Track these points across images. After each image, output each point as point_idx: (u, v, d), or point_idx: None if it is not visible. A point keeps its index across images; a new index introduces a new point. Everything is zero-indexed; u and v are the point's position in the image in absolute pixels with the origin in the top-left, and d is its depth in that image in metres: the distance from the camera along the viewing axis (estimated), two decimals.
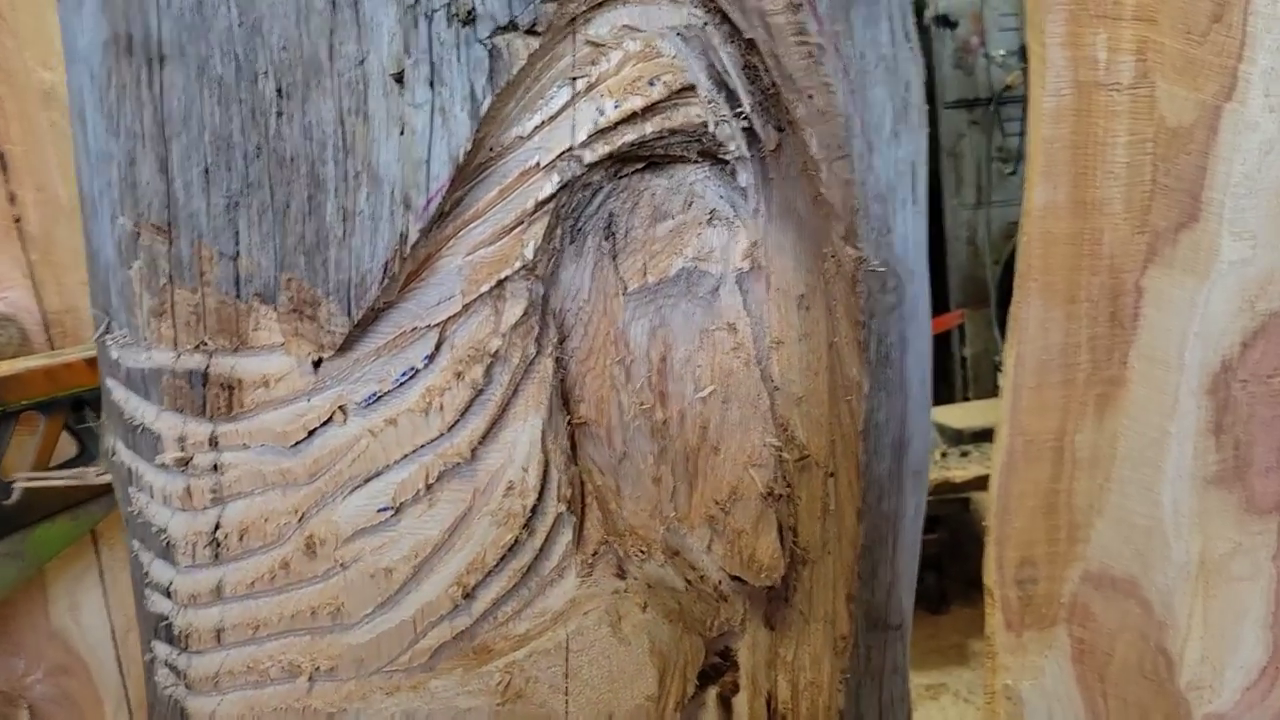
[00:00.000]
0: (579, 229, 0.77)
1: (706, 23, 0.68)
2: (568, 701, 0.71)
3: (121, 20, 0.65)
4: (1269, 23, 0.98)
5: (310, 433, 0.69)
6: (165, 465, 0.71)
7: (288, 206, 0.65)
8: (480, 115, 0.63)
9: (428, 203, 0.63)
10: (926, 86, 0.75)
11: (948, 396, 4.26)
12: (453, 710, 0.70)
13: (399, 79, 0.62)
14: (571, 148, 0.67)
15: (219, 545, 0.72)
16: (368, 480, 0.69)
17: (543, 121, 0.67)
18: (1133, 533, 1.10)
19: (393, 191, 0.63)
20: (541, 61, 0.66)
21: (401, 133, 0.63)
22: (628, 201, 0.78)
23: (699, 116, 0.70)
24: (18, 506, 1.24)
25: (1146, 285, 1.06)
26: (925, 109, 0.75)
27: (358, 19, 0.62)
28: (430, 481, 0.69)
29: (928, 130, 0.75)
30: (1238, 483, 1.09)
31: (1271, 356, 1.05)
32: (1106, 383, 1.09)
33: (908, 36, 0.71)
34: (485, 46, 0.63)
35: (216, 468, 0.71)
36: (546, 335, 0.73)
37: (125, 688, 1.56)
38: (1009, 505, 1.14)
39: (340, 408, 0.69)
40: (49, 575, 1.46)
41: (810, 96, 0.69)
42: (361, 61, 0.62)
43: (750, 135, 0.75)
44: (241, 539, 0.71)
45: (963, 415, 3.75)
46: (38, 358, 1.43)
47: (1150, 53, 1.02)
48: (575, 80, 0.67)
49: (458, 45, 0.63)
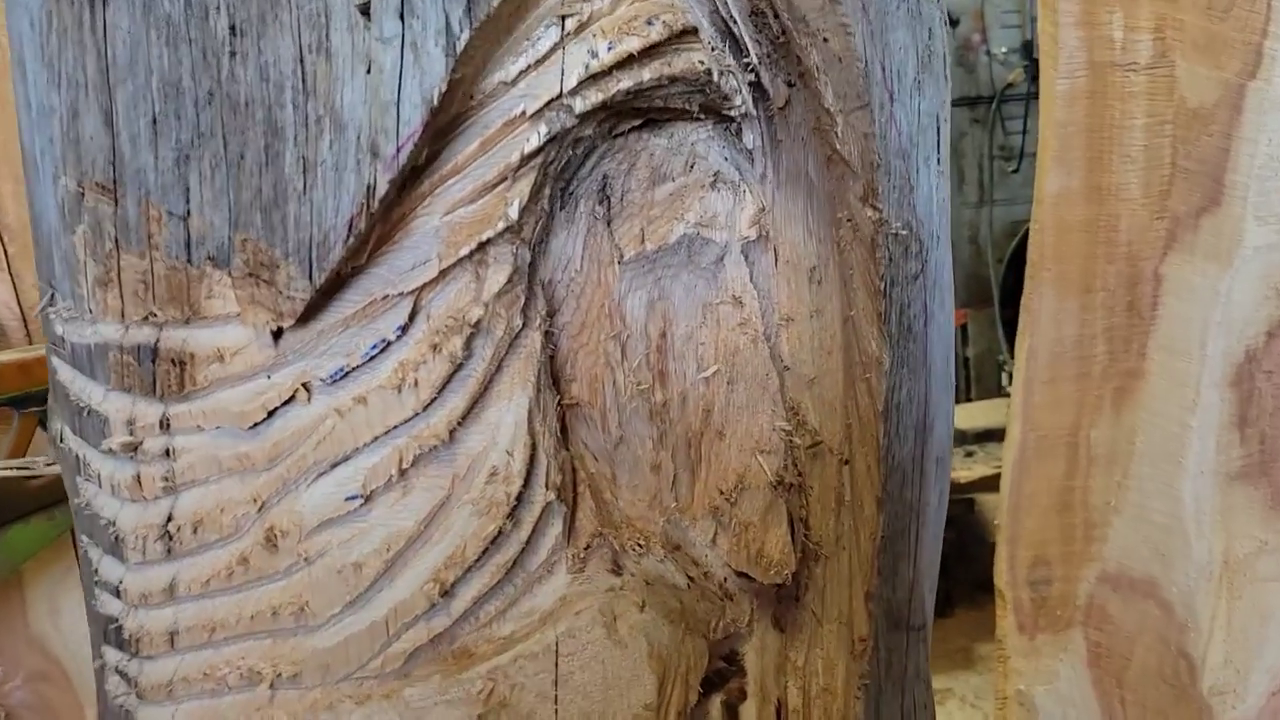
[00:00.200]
0: (570, 193, 0.71)
1: None
2: (557, 710, 0.64)
3: None
4: None
5: (270, 413, 0.62)
6: (113, 451, 0.64)
7: (242, 158, 0.58)
8: (457, 52, 0.56)
9: (397, 150, 0.56)
10: None
11: None
12: None
13: (365, 10, 0.55)
14: (560, 95, 0.60)
15: (171, 539, 0.65)
16: (334, 465, 0.62)
17: (529, 65, 0.60)
18: (1152, 531, 1.05)
19: (358, 138, 0.56)
20: None
21: (368, 71, 0.56)
22: (624, 162, 0.71)
23: (702, 63, 0.64)
24: None
25: (1166, 273, 1.02)
26: (948, 60, 0.68)
27: None
28: (404, 466, 0.62)
29: (950, 85, 0.69)
30: (1263, 478, 1.03)
31: None
32: (1124, 375, 1.05)
33: None
34: None
35: (168, 453, 0.64)
36: (534, 306, 0.66)
37: None
38: (1021, 504, 1.10)
39: (303, 385, 0.62)
40: (26, 578, 1.38)
41: (825, 40, 0.63)
42: None
43: (757, 90, 0.69)
44: (196, 532, 0.64)
45: (967, 416, 3.80)
46: (11, 352, 1.38)
47: (1169, 30, 0.97)
48: (565, 19, 0.60)
49: None
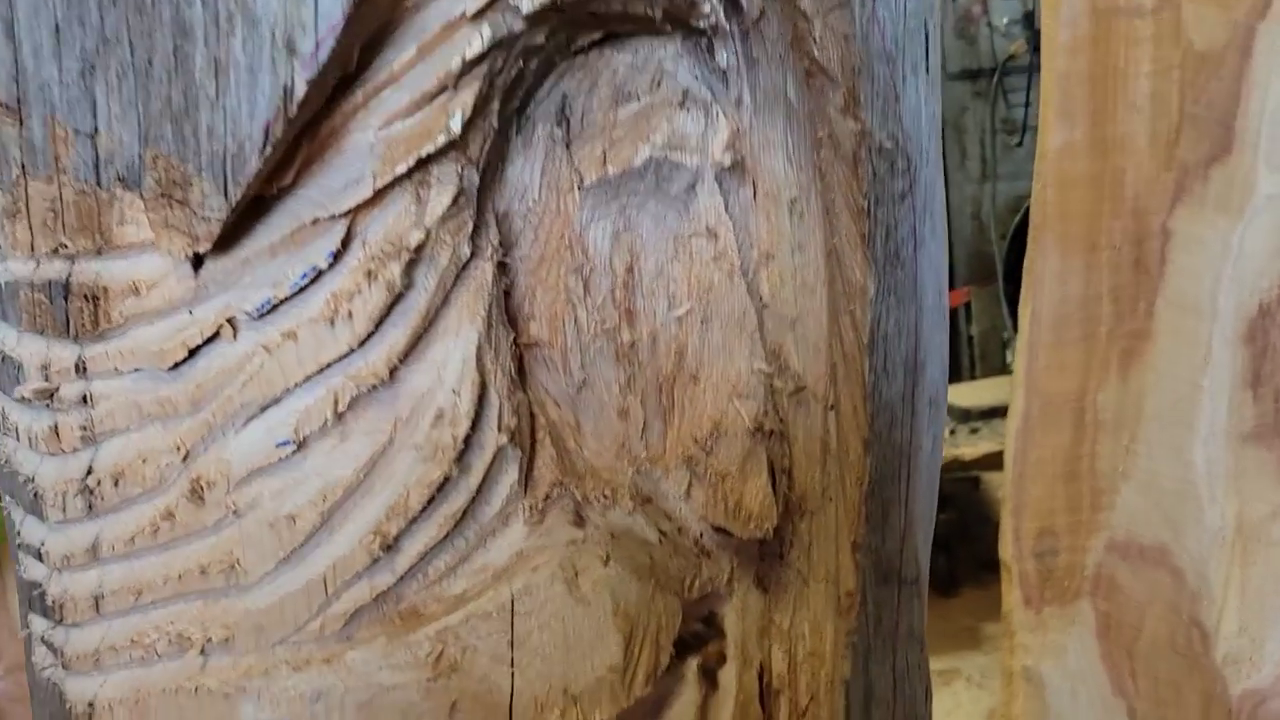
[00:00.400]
0: (527, 115, 0.65)
1: None
2: (514, 674, 0.58)
3: None
4: None
5: (192, 351, 0.56)
6: (28, 399, 0.59)
7: (150, 64, 0.52)
8: None
9: (316, 46, 0.50)
10: None
11: (955, 375, 4.21)
12: (374, 687, 0.57)
13: None
14: None
15: (92, 494, 0.59)
16: (264, 409, 0.56)
17: None
18: (1162, 497, 1.02)
19: (273, 33, 0.50)
20: None
21: None
22: (584, 81, 0.65)
23: None
24: None
25: (1174, 227, 0.99)
26: None
27: None
28: (340, 409, 0.56)
29: None
30: (1277, 439, 1.00)
31: None
32: (1131, 336, 1.02)
33: None
34: None
35: (86, 399, 0.58)
36: (484, 235, 0.60)
37: None
38: (1026, 473, 1.06)
39: (228, 320, 0.56)
40: (6, 566, 1.34)
41: None
42: None
43: (730, 2, 0.63)
44: (118, 485, 0.58)
45: (971, 393, 3.79)
46: None
47: None
48: None
49: None
